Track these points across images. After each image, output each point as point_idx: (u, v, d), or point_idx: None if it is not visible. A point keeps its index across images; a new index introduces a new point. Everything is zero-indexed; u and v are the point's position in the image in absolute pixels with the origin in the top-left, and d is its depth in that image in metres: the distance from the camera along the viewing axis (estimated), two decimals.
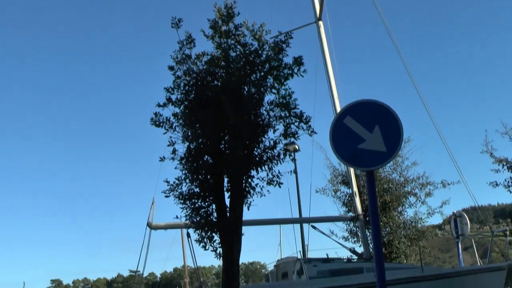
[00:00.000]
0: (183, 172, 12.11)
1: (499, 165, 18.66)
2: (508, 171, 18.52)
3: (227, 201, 12.15)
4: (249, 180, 12.14)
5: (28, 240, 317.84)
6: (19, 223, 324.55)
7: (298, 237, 25.31)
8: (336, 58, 20.95)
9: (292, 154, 22.43)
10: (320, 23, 21.00)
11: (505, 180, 18.57)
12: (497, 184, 18.76)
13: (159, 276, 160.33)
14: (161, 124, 12.07)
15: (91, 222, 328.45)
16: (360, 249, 22.93)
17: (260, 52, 11.83)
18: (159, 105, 12.03)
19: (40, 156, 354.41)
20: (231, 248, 12.08)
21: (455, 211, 22.44)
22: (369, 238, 20.71)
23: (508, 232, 20.22)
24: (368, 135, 8.36)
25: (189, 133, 11.86)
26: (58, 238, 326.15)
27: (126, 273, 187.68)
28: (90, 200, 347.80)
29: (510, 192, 18.45)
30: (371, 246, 20.14)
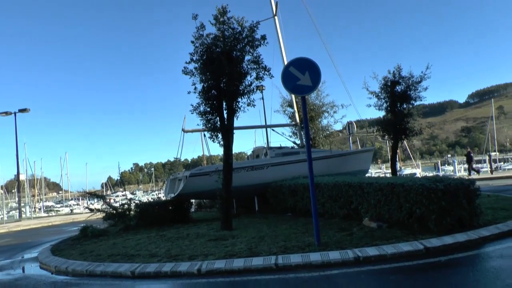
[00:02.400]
0: (201, 99, 12.14)
1: (371, 95, 18.93)
2: (375, 98, 18.83)
3: (225, 115, 12.18)
4: (237, 103, 12.17)
5: (113, 136, 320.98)
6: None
7: (265, 136, 25.54)
8: (284, 35, 20.60)
9: (261, 90, 22.40)
10: (276, 18, 20.49)
11: (374, 103, 18.91)
12: (370, 105, 19.09)
13: (190, 160, 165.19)
14: (188, 73, 11.99)
15: (151, 128, 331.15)
16: (298, 142, 23.14)
17: (242, 32, 11.68)
18: (186, 63, 11.99)
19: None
20: (227, 141, 12.30)
21: (348, 121, 22.68)
22: (303, 135, 20.67)
23: (375, 131, 20.52)
24: (302, 77, 9.03)
25: (203, 78, 11.83)
26: (133, 136, 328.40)
27: (172, 159, 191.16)
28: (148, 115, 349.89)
29: (376, 109, 18.99)
30: (304, 140, 20.23)
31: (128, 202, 16.57)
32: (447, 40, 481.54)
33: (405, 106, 18.35)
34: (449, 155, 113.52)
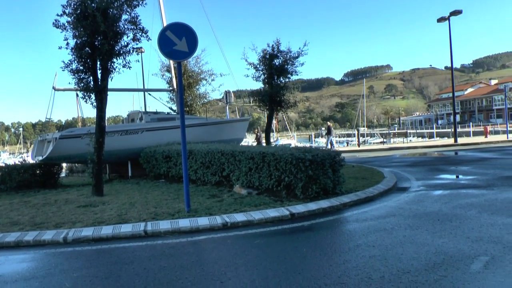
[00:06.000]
0: (73, 56, 11.34)
1: (249, 66, 19.20)
2: (253, 70, 19.20)
3: (99, 75, 11.62)
4: (112, 64, 11.59)
5: None
6: None
7: (142, 100, 24.89)
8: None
9: (139, 53, 21.68)
10: None
11: (252, 74, 19.27)
12: (248, 76, 19.38)
13: (64, 122, 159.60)
14: (60, 27, 11.13)
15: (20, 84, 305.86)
16: (175, 108, 22.93)
17: None
18: (58, 15, 11.07)
19: None
20: (101, 103, 11.82)
21: (226, 90, 22.81)
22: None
23: (251, 101, 21.08)
24: (179, 42, 8.82)
25: (77, 33, 11.02)
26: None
27: (43, 120, 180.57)
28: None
29: (254, 80, 19.49)
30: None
31: None
32: (326, 22, 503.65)
33: (282, 79, 18.99)
34: (323, 128, 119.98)
